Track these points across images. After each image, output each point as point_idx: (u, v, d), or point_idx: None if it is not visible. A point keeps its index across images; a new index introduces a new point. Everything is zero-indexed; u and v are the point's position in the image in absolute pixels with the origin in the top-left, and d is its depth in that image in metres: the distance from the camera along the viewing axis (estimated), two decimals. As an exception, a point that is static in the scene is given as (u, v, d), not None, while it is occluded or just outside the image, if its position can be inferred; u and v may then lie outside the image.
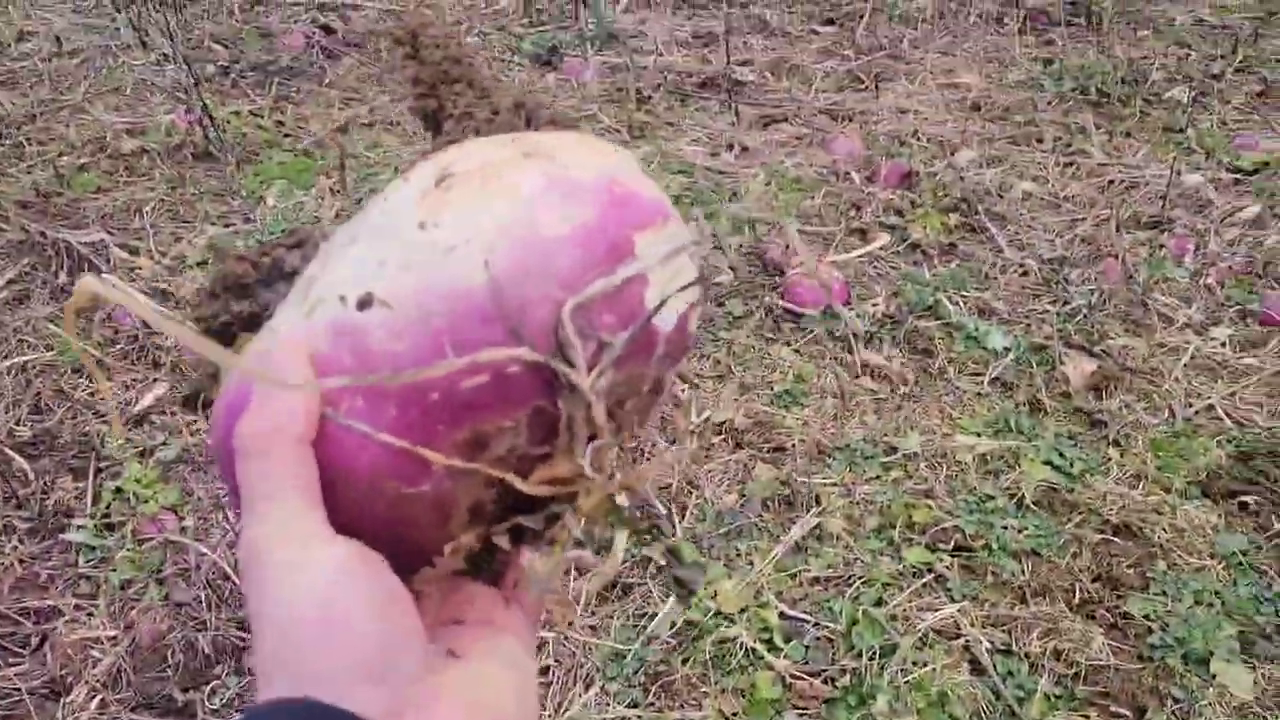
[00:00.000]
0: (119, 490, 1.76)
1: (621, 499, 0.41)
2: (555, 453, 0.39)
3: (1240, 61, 3.24)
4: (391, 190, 0.41)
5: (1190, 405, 1.96)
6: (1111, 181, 2.72)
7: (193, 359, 1.85)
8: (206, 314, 0.45)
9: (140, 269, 2.33)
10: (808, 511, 1.76)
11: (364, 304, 0.38)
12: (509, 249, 0.37)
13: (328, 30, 3.59)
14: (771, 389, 2.06)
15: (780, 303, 2.30)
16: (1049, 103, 3.12)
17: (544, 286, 0.37)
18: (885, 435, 1.93)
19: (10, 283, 2.26)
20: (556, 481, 0.39)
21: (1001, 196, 2.68)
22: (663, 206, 0.42)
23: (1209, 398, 1.97)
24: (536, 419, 0.38)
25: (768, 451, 1.91)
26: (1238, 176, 2.72)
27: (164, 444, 1.86)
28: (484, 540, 0.40)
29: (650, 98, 3.24)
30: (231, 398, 0.40)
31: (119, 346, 2.11)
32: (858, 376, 2.11)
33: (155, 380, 2.01)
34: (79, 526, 1.68)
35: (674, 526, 1.73)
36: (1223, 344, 2.13)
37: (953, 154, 2.88)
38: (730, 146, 2.96)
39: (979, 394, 2.05)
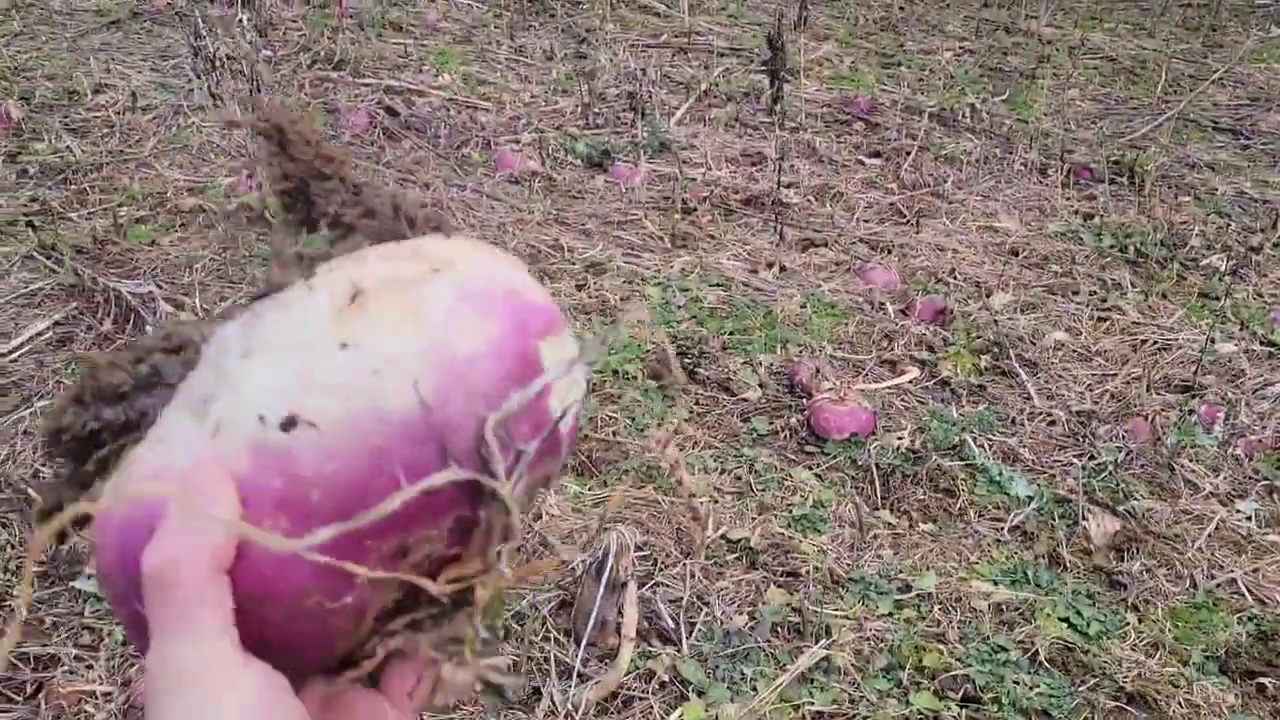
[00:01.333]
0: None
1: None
2: (466, 554, 0.40)
3: (1279, 238, 3.28)
4: (294, 301, 0.41)
5: (1212, 577, 1.94)
6: (1144, 341, 2.74)
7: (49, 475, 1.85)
8: (71, 422, 0.42)
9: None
10: (817, 642, 1.74)
11: (288, 425, 0.37)
12: (432, 371, 0.38)
13: (391, 112, 3.70)
14: (790, 511, 2.06)
15: (806, 426, 2.31)
16: (1087, 256, 3.16)
17: (468, 406, 0.39)
18: (901, 572, 1.91)
19: (56, 324, 2.30)
20: (460, 579, 0.40)
21: (1034, 343, 2.70)
22: (556, 313, 0.44)
23: (1231, 571, 1.95)
24: (457, 525, 0.40)
25: (781, 575, 1.89)
26: (1271, 350, 2.73)
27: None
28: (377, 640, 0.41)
29: (695, 209, 3.31)
30: (127, 517, 0.39)
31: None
32: (877, 508, 2.10)
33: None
34: (89, 575, 1.68)
35: (681, 641, 1.72)
36: (1248, 518, 2.11)
37: (988, 296, 2.91)
38: (770, 265, 3.01)
39: (998, 540, 2.03)
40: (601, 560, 1.72)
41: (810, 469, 2.20)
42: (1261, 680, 1.70)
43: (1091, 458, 2.26)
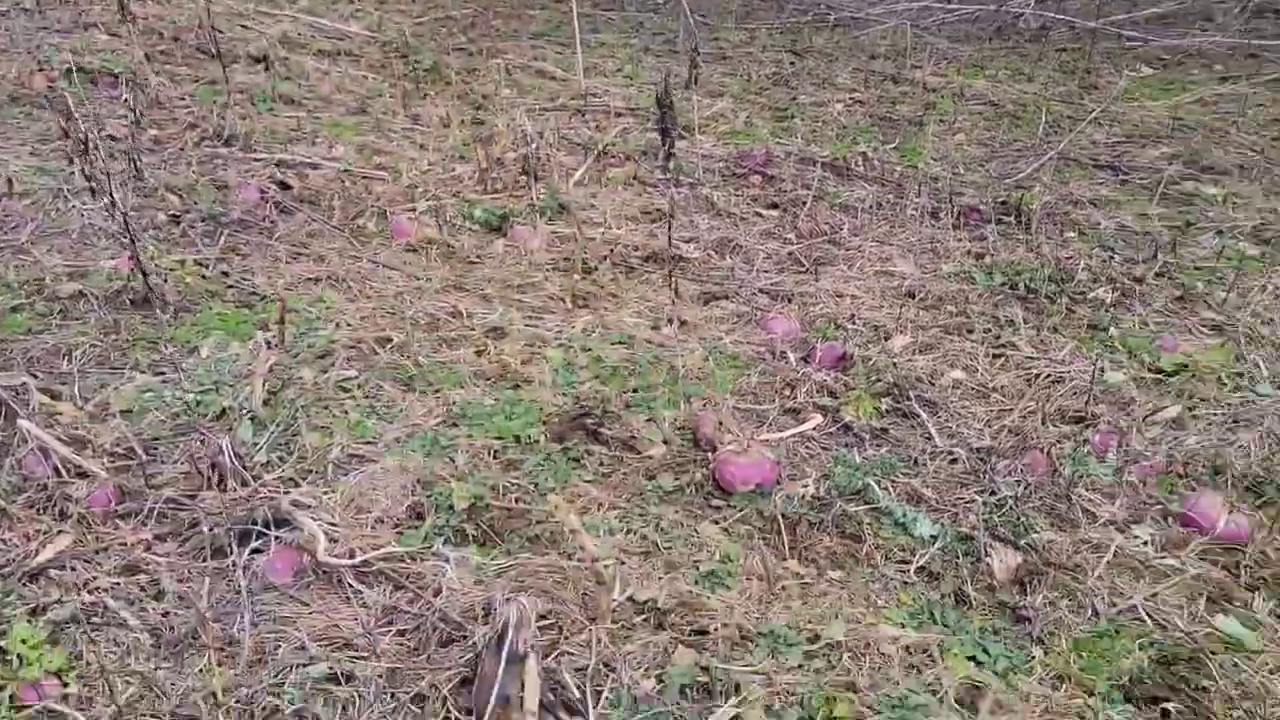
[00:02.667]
0: (1, 651, 1.66)
1: None
2: None
3: (1160, 267, 3.40)
4: None
5: (1113, 605, 1.96)
6: (1038, 374, 2.80)
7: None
8: None
9: (60, 415, 2.27)
10: (727, 700, 1.70)
11: None
12: None
13: (284, 186, 3.65)
14: (698, 568, 2.03)
15: (711, 479, 2.29)
16: (980, 295, 3.23)
17: None
18: (810, 621, 1.89)
19: (-79, 422, 2.19)
20: None
21: (933, 384, 2.74)
22: None
23: (1131, 598, 1.97)
24: None
25: (690, 634, 1.86)
26: (1159, 376, 2.81)
27: (58, 602, 1.77)
28: None
29: (596, 268, 3.31)
30: None
31: (26, 495, 2.04)
32: (784, 559, 2.09)
33: (59, 533, 1.93)
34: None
35: (587, 711, 1.66)
36: (1145, 543, 2.15)
37: (887, 339, 2.95)
38: (671, 321, 3.01)
39: (905, 582, 2.03)
40: (501, 633, 1.67)
41: (717, 523, 2.18)
42: (1165, 706, 1.71)
43: (992, 493, 2.28)
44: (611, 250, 3.43)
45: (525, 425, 2.43)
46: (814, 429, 2.53)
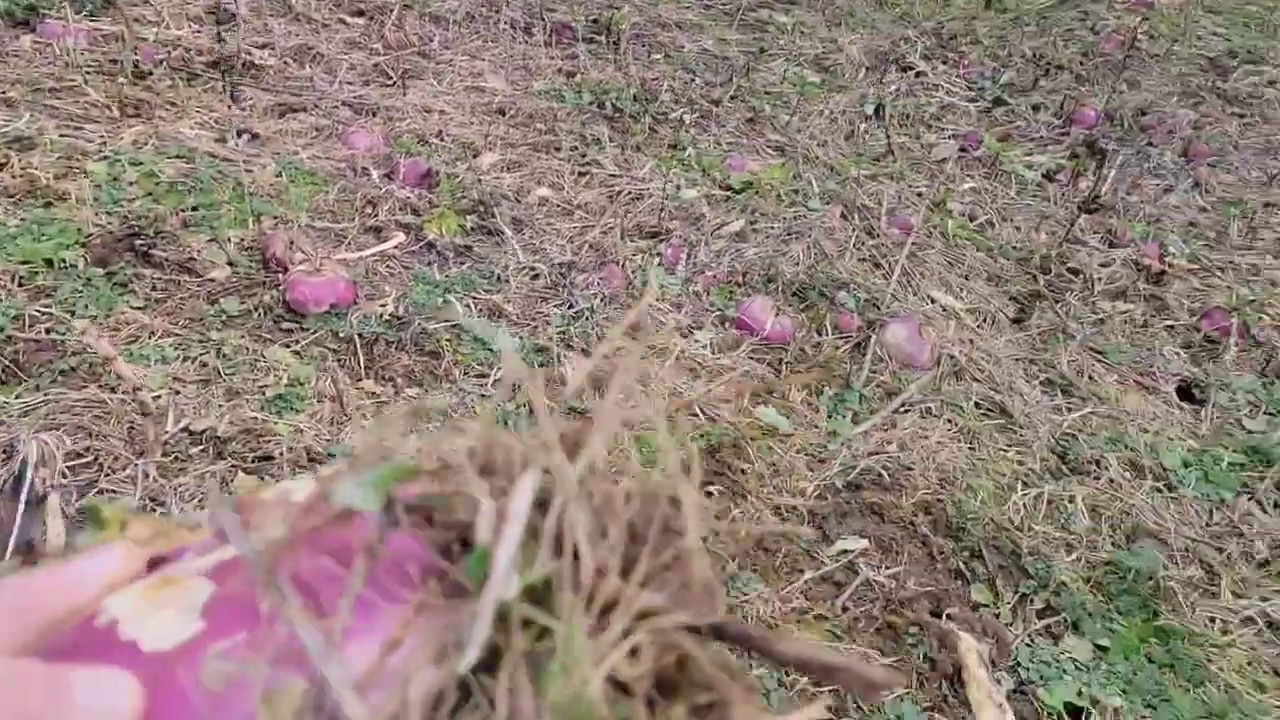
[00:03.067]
0: None
1: None
2: None
3: (735, 90, 3.58)
4: None
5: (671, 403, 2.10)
6: (620, 192, 2.87)
7: None
8: None
9: None
10: (291, 525, 1.64)
11: None
12: None
13: None
14: (264, 394, 1.91)
15: (281, 302, 2.15)
16: (569, 113, 3.24)
17: None
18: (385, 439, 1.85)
19: None
20: None
21: (519, 201, 2.73)
22: None
23: (688, 395, 2.12)
24: None
25: (253, 460, 1.76)
26: (728, 193, 2.99)
27: None
28: None
29: (150, 73, 2.92)
30: None
31: None
32: (360, 379, 2.02)
33: None
34: None
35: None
36: (704, 346, 2.31)
37: (475, 156, 2.89)
38: (240, 133, 2.74)
39: (482, 395, 2.04)
40: (19, 475, 1.48)
41: (288, 346, 2.06)
42: (709, 489, 1.88)
43: (570, 306, 2.34)
44: (170, 53, 3.04)
45: (59, 248, 2.13)
46: (395, 247, 2.44)
